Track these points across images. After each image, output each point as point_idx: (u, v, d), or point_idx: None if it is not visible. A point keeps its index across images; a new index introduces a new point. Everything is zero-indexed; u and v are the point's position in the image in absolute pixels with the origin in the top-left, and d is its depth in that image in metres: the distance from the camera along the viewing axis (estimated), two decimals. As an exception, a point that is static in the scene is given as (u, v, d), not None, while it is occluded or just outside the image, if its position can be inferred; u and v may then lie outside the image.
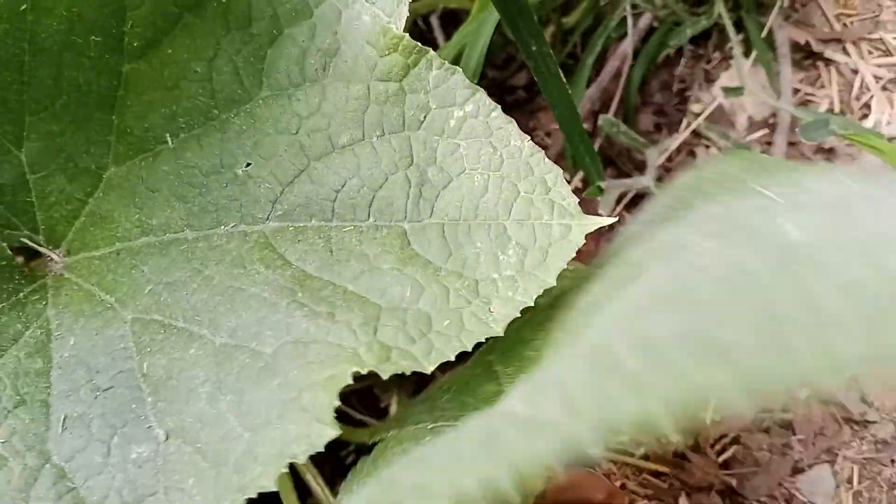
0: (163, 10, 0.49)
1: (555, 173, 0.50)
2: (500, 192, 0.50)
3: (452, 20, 1.27)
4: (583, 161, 0.77)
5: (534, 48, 0.66)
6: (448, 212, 0.50)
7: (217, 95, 0.50)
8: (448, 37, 1.20)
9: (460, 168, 0.50)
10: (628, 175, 1.07)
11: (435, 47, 1.19)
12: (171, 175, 0.51)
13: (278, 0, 0.49)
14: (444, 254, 0.50)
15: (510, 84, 1.27)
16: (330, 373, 0.46)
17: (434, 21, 1.20)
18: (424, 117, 0.49)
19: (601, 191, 0.78)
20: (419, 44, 0.49)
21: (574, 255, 0.50)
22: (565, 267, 0.49)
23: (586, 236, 0.99)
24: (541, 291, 0.48)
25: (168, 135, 0.50)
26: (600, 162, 0.80)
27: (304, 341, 0.48)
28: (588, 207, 0.99)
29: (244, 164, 0.50)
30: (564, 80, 0.72)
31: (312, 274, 0.50)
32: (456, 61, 1.02)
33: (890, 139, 1.00)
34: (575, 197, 0.50)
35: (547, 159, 0.50)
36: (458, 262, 0.50)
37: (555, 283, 0.49)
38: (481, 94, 0.50)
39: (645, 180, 0.88)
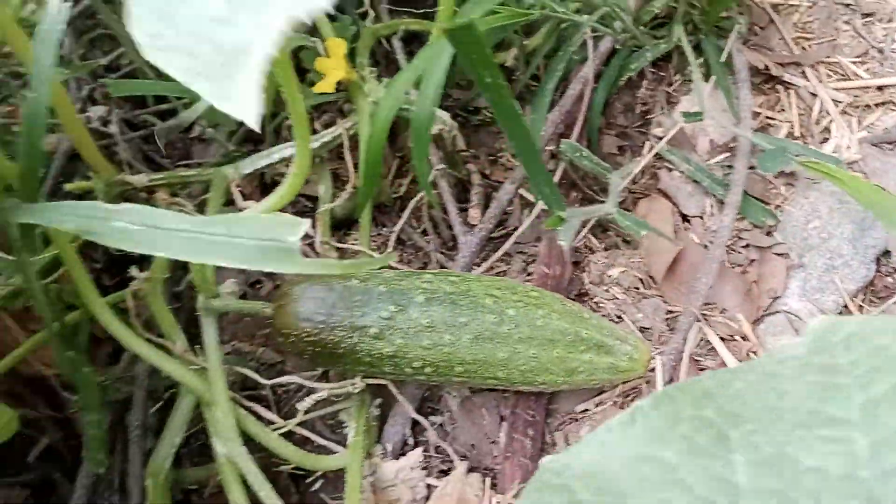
0: None
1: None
2: None
3: (415, 40, 1.27)
4: (543, 192, 0.76)
5: (488, 80, 0.66)
6: None
7: None
8: (410, 56, 1.19)
9: None
10: (593, 197, 1.07)
11: (397, 68, 1.18)
12: None
13: None
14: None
15: (475, 105, 1.27)
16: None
17: (396, 43, 1.19)
18: None
19: (562, 220, 0.78)
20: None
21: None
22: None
23: (555, 261, 0.98)
24: None
25: None
26: (559, 193, 0.79)
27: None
28: (549, 232, 1.00)
29: None
30: (521, 111, 0.72)
31: None
32: (417, 84, 1.01)
33: (849, 163, 1.02)
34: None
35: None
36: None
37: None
38: None
39: (607, 207, 0.88)
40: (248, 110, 0.39)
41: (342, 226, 1.16)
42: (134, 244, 0.54)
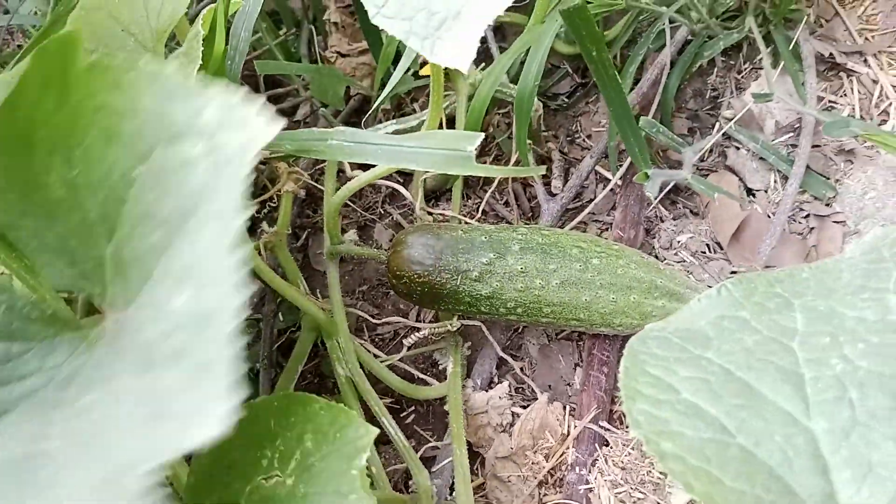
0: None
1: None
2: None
3: (498, 32, 1.39)
4: (633, 151, 0.87)
5: (594, 53, 0.78)
6: None
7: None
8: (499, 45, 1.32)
9: None
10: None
11: (487, 55, 1.31)
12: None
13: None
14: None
15: (553, 91, 1.38)
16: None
17: (488, 33, 1.31)
18: None
19: (647, 177, 0.89)
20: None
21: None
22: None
23: (626, 223, 1.10)
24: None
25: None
26: (648, 152, 0.90)
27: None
28: (635, 189, 1.10)
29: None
30: (619, 79, 0.83)
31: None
32: (513, 71, 1.13)
33: (906, 142, 1.10)
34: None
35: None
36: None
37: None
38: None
39: (684, 173, 0.99)
40: (460, 60, 0.53)
41: (431, 197, 1.29)
42: (349, 156, 0.68)
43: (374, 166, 0.88)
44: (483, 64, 1.19)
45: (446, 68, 1.17)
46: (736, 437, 0.47)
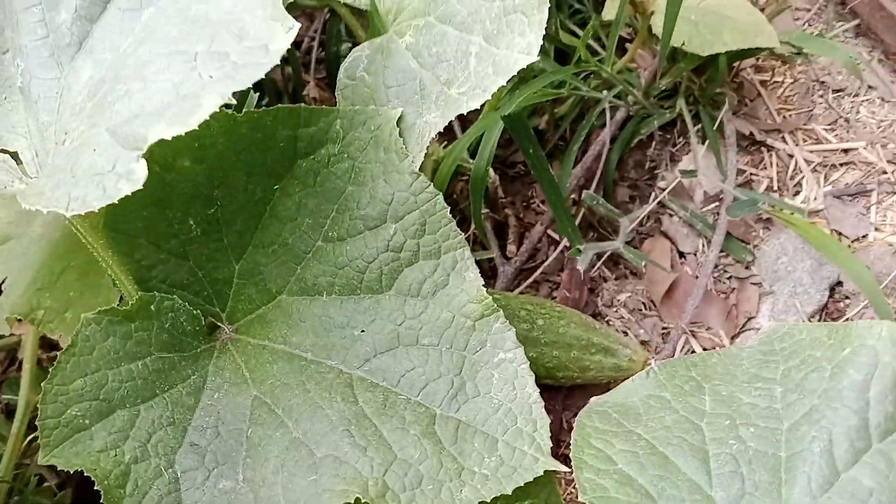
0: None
1: (544, 421, 0.71)
2: (505, 416, 0.71)
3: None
4: (566, 231, 1.01)
5: (531, 151, 0.92)
6: (467, 415, 0.71)
7: (364, 283, 0.74)
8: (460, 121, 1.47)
9: (487, 390, 0.72)
10: (607, 237, 1.33)
11: (453, 132, 1.45)
12: (316, 316, 0.75)
13: (423, 242, 0.74)
14: (452, 440, 0.71)
15: (511, 160, 1.53)
16: (344, 488, 0.68)
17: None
18: (480, 349, 0.72)
19: (580, 252, 1.03)
20: (495, 304, 0.73)
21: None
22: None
23: (572, 284, 1.24)
24: (497, 495, 0.69)
25: (325, 292, 0.75)
26: (579, 232, 1.04)
27: (341, 459, 0.70)
28: (570, 263, 1.25)
29: (360, 329, 0.74)
30: (552, 172, 0.98)
31: (368, 415, 0.72)
32: (471, 146, 1.28)
33: (813, 212, 1.26)
34: (550, 442, 0.70)
35: (543, 409, 0.70)
36: (458, 450, 0.70)
37: (510, 493, 0.68)
38: (520, 351, 0.71)
39: (616, 243, 1.13)
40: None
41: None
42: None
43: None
44: (445, 141, 1.33)
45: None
46: (658, 502, 0.63)
